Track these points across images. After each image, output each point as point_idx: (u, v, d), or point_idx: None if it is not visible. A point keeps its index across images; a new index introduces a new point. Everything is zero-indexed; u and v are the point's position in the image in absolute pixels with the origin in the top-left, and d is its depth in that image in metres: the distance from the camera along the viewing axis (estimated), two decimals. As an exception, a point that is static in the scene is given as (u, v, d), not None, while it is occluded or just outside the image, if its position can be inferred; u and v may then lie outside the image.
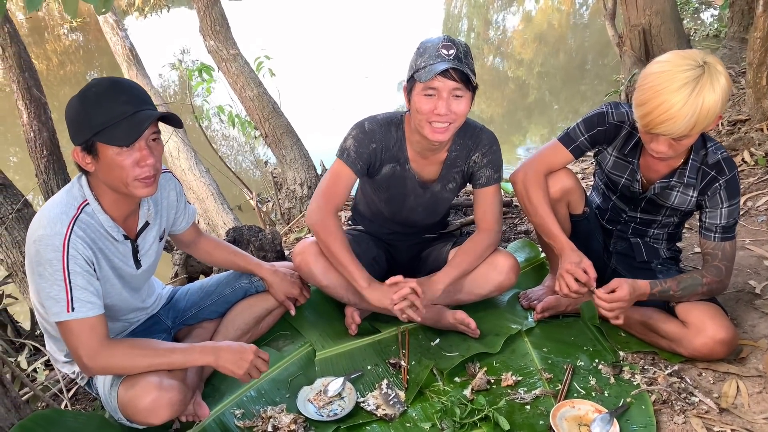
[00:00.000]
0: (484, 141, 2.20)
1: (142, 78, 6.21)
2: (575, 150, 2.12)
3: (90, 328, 1.63)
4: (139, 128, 1.60)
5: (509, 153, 7.37)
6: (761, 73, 3.29)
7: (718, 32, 7.55)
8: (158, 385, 1.66)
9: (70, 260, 1.60)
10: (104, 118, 1.59)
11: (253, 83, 4.35)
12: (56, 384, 2.26)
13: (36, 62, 10.42)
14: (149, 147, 1.66)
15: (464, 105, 1.96)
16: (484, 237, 2.23)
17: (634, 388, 1.96)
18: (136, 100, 1.63)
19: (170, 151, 4.95)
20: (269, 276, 2.22)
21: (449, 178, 2.24)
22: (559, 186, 2.15)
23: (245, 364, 1.76)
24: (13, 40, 3.16)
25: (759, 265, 2.48)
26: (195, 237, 2.18)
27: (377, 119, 2.17)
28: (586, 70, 9.13)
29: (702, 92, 1.67)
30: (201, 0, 4.31)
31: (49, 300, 1.62)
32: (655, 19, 4.44)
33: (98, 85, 1.63)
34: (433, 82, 1.91)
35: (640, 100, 1.76)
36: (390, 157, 2.18)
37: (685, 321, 1.99)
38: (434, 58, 1.91)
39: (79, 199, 1.69)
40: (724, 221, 1.97)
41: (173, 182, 2.00)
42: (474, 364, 2.12)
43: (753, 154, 3.29)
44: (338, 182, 2.15)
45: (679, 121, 1.69)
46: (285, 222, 4.03)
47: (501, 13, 13.54)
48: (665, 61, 1.75)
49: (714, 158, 1.95)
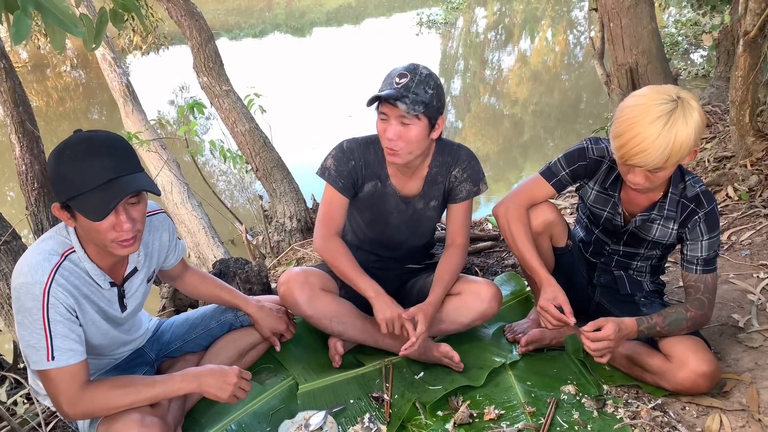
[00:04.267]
0: (463, 156, 2.26)
1: (137, 113, 6.30)
2: (557, 184, 2.15)
3: (70, 376, 1.60)
4: (107, 206, 1.52)
5: (505, 189, 7.42)
6: (743, 110, 3.34)
7: (706, 72, 7.69)
8: (140, 422, 1.63)
9: (50, 309, 1.57)
10: (76, 185, 1.52)
11: (245, 118, 4.42)
12: (35, 417, 2.23)
13: (36, 98, 10.60)
14: (126, 211, 1.59)
15: (414, 132, 2.03)
16: (459, 253, 2.30)
17: (618, 422, 1.94)
18: (111, 167, 1.53)
19: (163, 185, 4.99)
20: (255, 312, 2.22)
21: (431, 195, 2.29)
22: (541, 219, 2.17)
23: (229, 387, 1.74)
24: (9, 75, 3.22)
25: (742, 299, 2.48)
26: (182, 271, 2.17)
27: (356, 139, 2.25)
28: (580, 109, 9.26)
29: (675, 125, 1.70)
30: (195, 38, 4.41)
31: (29, 348, 1.58)
32: (641, 58, 4.52)
33: (74, 146, 1.54)
34: (383, 107, 2.02)
35: (616, 132, 1.80)
36: (370, 174, 2.24)
37: (668, 354, 1.99)
38: (387, 85, 2.01)
39: (64, 246, 1.66)
40: (705, 254, 1.98)
41: (167, 223, 1.96)
42: (457, 398, 2.11)
43: (737, 189, 3.32)
44: (332, 207, 2.23)
45: (653, 153, 1.72)
46: (274, 255, 4.03)
47: (496, 52, 13.78)
48: (641, 95, 1.79)
49: (693, 191, 1.97)
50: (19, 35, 1.49)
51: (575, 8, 16.11)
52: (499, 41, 14.59)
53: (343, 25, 16.70)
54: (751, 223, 3.03)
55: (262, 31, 15.90)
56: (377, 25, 16.42)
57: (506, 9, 17.13)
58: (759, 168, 3.38)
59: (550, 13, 16.14)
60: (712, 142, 4.04)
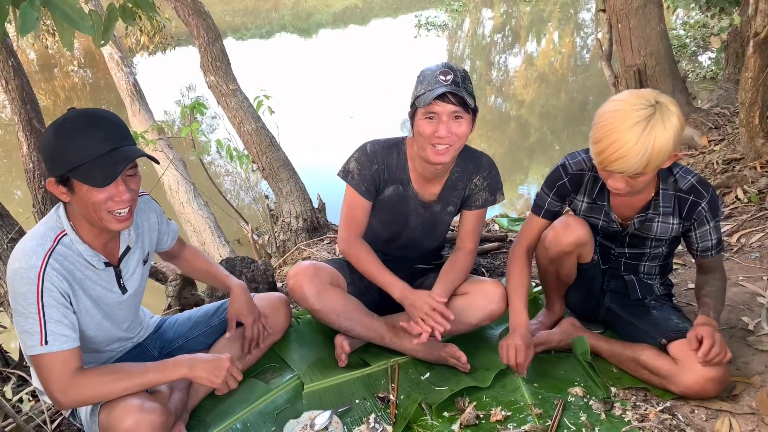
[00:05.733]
0: (485, 165, 2.28)
1: (144, 112, 6.31)
2: (547, 214, 2.19)
3: (62, 363, 1.61)
4: (115, 170, 1.57)
5: (511, 191, 7.41)
6: (753, 112, 3.32)
7: (714, 74, 7.66)
8: (140, 407, 1.64)
9: (45, 293, 1.59)
10: (80, 155, 1.55)
11: (252, 118, 4.41)
12: (40, 415, 2.23)
13: (44, 98, 10.65)
14: (125, 182, 1.63)
15: (464, 127, 2.04)
16: (467, 256, 2.31)
17: (626, 424, 1.92)
18: (113, 137, 1.60)
19: (169, 184, 5.00)
20: (235, 288, 2.19)
21: (450, 200, 2.30)
22: (573, 238, 2.11)
23: (222, 373, 1.75)
24: (17, 74, 3.24)
25: (752, 302, 2.46)
26: (180, 249, 2.21)
27: (379, 142, 2.25)
28: (586, 111, 9.23)
29: (653, 131, 1.70)
30: (202, 37, 4.41)
31: (24, 334, 1.60)
32: (650, 60, 4.51)
33: (75, 119, 1.59)
34: (433, 106, 1.99)
35: (595, 138, 1.79)
36: (393, 178, 2.25)
37: (676, 358, 1.97)
38: (433, 84, 1.99)
39: (56, 230, 1.67)
40: (715, 237, 2.04)
41: (152, 204, 1.99)
42: (463, 399, 2.09)
43: (746, 191, 3.30)
44: (354, 210, 2.25)
45: (632, 159, 1.72)
46: (280, 254, 4.03)
47: (503, 54, 13.77)
48: (620, 100, 1.78)
49: (686, 183, 1.98)
50: (25, 27, 1.48)
51: (582, 10, 16.09)
52: (505, 43, 14.58)
53: (349, 26, 16.72)
54: (760, 226, 3.00)
55: (268, 31, 15.94)
56: (383, 26, 16.43)
57: (513, 11, 17.10)
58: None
59: (557, 14, 16.11)
60: (721, 144, 4.02)
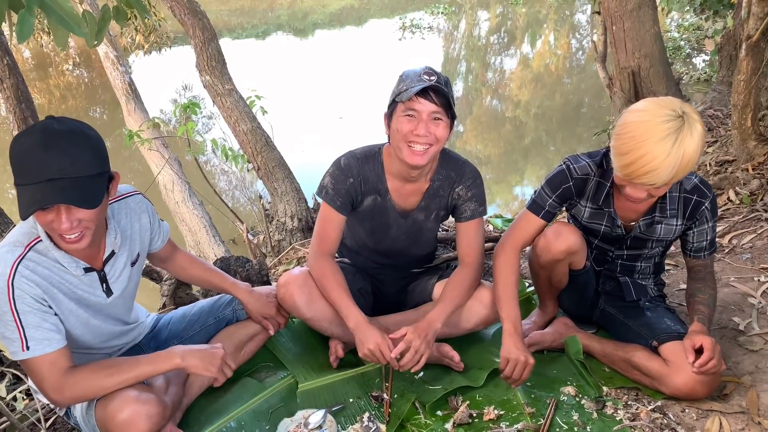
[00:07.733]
0: (468, 174, 2.21)
1: (139, 112, 6.30)
2: (546, 215, 2.14)
3: (50, 364, 1.61)
4: (27, 210, 1.47)
5: (506, 192, 7.42)
6: (745, 114, 3.34)
7: (708, 77, 7.69)
8: (136, 399, 1.65)
9: (17, 300, 1.57)
10: (17, 174, 1.48)
11: (247, 117, 4.42)
12: (35, 413, 2.23)
13: (38, 96, 10.61)
14: (68, 211, 1.52)
15: (443, 129, 2.00)
16: (470, 271, 2.23)
17: (617, 423, 1.94)
18: (55, 165, 1.47)
19: (165, 184, 5.00)
20: (245, 296, 2.21)
21: (432, 208, 2.26)
22: (564, 246, 2.11)
23: (217, 361, 1.76)
24: (12, 72, 3.23)
25: (743, 303, 2.48)
26: (171, 253, 2.16)
27: (354, 153, 2.20)
28: (582, 112, 9.26)
29: (683, 143, 1.67)
30: (198, 36, 4.41)
31: (6, 340, 1.60)
32: (644, 62, 4.53)
33: (29, 135, 1.51)
34: (414, 103, 1.95)
35: (621, 149, 1.75)
36: (370, 188, 2.20)
37: (668, 360, 1.99)
38: (416, 82, 1.95)
39: (30, 236, 1.63)
40: (710, 237, 2.07)
41: (144, 204, 1.94)
42: (456, 398, 2.10)
43: (738, 193, 3.32)
44: (327, 226, 2.19)
45: (663, 172, 1.69)
46: (275, 254, 4.03)
47: (499, 56, 13.79)
48: (644, 110, 1.74)
49: (690, 183, 1.99)
50: (23, 34, 1.50)
51: (578, 12, 16.14)
52: (501, 44, 14.60)
53: (346, 27, 16.71)
54: (752, 227, 3.03)
55: (264, 31, 15.91)
56: (378, 27, 16.42)
57: (508, 12, 17.14)
58: (760, 172, 3.39)
59: (552, 16, 16.15)
60: (714, 146, 4.05)
